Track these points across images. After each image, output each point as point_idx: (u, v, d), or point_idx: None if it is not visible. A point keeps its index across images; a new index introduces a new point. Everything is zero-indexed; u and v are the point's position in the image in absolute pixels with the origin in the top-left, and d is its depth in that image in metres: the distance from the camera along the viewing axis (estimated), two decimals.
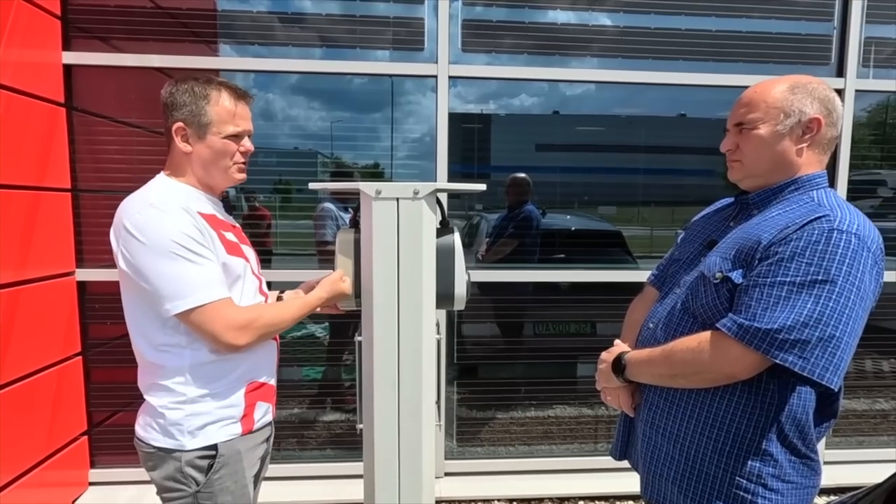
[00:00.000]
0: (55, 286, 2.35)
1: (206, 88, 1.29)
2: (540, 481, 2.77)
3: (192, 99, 1.28)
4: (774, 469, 1.08)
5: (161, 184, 1.31)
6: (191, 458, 1.26)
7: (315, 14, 2.65)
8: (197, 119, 1.28)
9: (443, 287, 1.44)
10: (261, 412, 1.39)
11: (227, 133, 1.30)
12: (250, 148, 1.37)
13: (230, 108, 1.31)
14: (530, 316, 2.99)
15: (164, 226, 1.19)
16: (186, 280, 1.19)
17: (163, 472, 1.27)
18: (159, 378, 1.27)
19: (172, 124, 1.29)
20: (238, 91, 1.34)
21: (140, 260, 1.19)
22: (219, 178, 1.35)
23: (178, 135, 1.29)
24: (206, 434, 1.27)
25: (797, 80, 1.13)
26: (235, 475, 1.32)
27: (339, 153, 2.83)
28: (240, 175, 1.37)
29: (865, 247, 1.00)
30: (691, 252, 1.25)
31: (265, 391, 1.41)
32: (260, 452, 1.42)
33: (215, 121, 1.29)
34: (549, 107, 2.91)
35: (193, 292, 1.19)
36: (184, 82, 1.30)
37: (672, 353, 1.11)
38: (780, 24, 2.74)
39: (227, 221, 1.38)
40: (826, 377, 0.98)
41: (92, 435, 2.60)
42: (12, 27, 2.12)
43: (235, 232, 1.40)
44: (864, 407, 3.10)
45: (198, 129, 1.29)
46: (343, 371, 2.93)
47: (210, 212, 1.32)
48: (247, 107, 1.36)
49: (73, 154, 2.46)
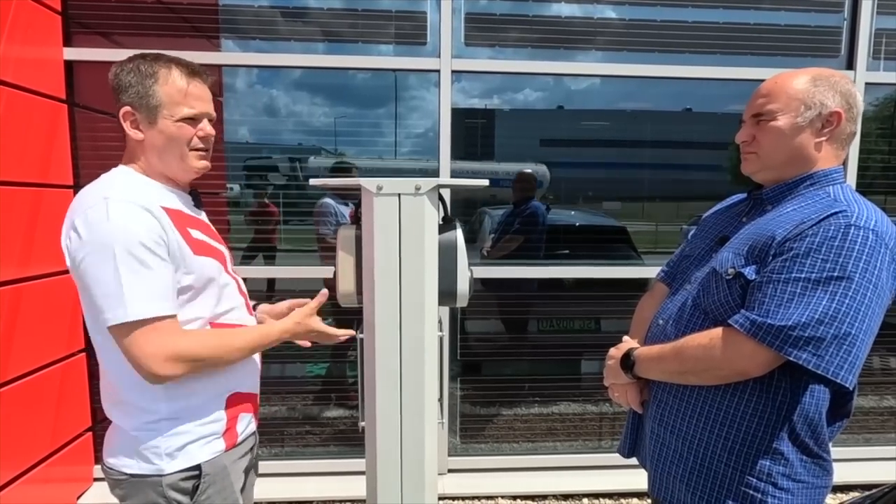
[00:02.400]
0: (58, 283, 2.35)
1: (154, 66, 1.13)
2: (544, 478, 2.76)
3: (139, 79, 1.12)
4: (785, 468, 1.06)
5: (121, 176, 1.16)
6: (173, 481, 1.12)
7: (317, 8, 2.63)
8: (145, 101, 1.12)
9: (445, 284, 1.43)
10: (244, 424, 1.26)
11: (180, 116, 1.14)
12: (210, 132, 1.20)
13: (182, 86, 1.14)
14: (534, 312, 2.98)
15: (113, 223, 1.03)
16: (123, 289, 1.01)
17: (137, 500, 1.14)
18: (124, 392, 1.13)
19: (119, 109, 1.14)
20: (191, 67, 1.17)
21: (81, 260, 1.05)
22: (176, 167, 1.18)
23: (127, 120, 1.14)
24: (188, 454, 1.14)
25: (820, 73, 1.11)
26: (224, 492, 1.20)
27: (342, 149, 2.81)
28: (200, 163, 1.20)
29: (883, 243, 0.98)
30: (703, 248, 1.24)
31: (248, 401, 1.28)
32: (244, 464, 1.29)
33: (166, 102, 1.12)
34: (554, 101, 2.89)
35: (126, 304, 1.01)
36: (129, 61, 1.14)
37: (683, 349, 1.10)
38: (790, 15, 2.70)
39: (195, 217, 1.23)
40: (841, 375, 0.97)
41: (96, 431, 2.60)
42: (13, 23, 2.11)
43: (204, 229, 1.24)
44: (872, 404, 3.07)
45: (147, 114, 1.13)
46: (346, 367, 2.92)
47: (175, 207, 1.16)
48: (203, 85, 1.19)
49: (76, 150, 2.46)
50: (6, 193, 2.07)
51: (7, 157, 2.07)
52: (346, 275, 1.44)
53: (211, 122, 1.22)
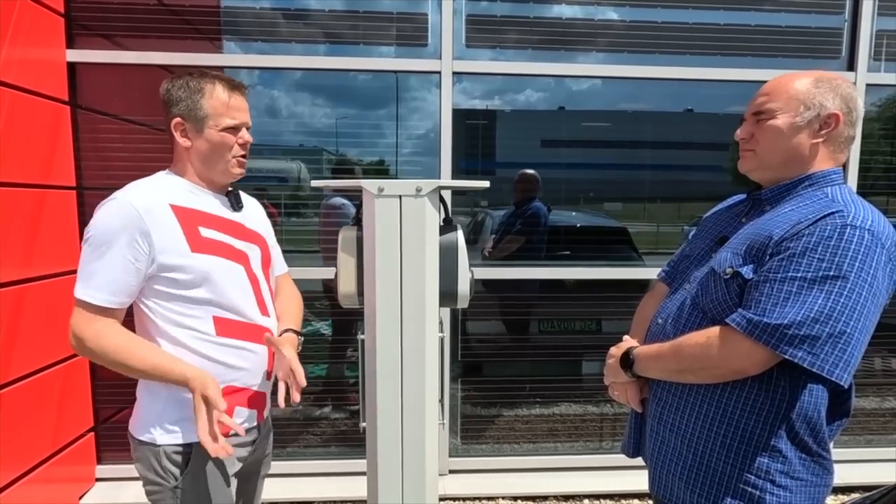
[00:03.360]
0: (61, 284, 2.35)
1: (201, 82, 1.29)
2: (545, 479, 2.76)
3: (188, 94, 1.28)
4: (784, 466, 1.06)
5: (151, 178, 1.32)
6: (169, 452, 1.27)
7: (318, 10, 2.64)
8: (194, 113, 1.29)
9: (446, 285, 1.43)
10: (240, 418, 1.33)
11: (223, 126, 1.30)
12: (249, 139, 1.36)
13: (225, 100, 1.30)
14: (535, 313, 2.98)
15: (104, 216, 1.21)
16: (83, 269, 1.23)
17: (142, 464, 1.29)
18: None
19: (171, 120, 1.30)
20: (232, 83, 1.33)
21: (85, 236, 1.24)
22: (217, 171, 1.33)
23: (177, 130, 1.30)
24: (178, 432, 1.27)
25: (822, 75, 1.12)
26: (213, 473, 1.30)
27: (343, 150, 2.82)
28: (238, 170, 1.36)
29: (879, 243, 0.98)
30: (702, 248, 1.24)
31: (245, 396, 1.35)
32: (243, 453, 1.37)
33: (211, 114, 1.29)
34: (555, 103, 2.89)
35: (81, 281, 1.23)
36: (179, 78, 1.30)
37: (681, 347, 1.11)
38: (790, 17, 2.70)
39: (217, 216, 1.33)
40: (836, 374, 0.97)
41: (99, 431, 2.61)
42: (16, 25, 2.12)
43: (228, 228, 1.34)
44: (874, 405, 3.07)
45: (195, 124, 1.29)
46: (347, 368, 2.93)
47: (189, 206, 1.29)
48: (242, 98, 1.35)
49: (78, 152, 2.47)
50: (9, 194, 2.08)
51: (10, 158, 2.08)
52: (347, 276, 1.45)
53: (248, 130, 1.37)
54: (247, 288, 1.36)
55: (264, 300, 1.41)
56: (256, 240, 1.43)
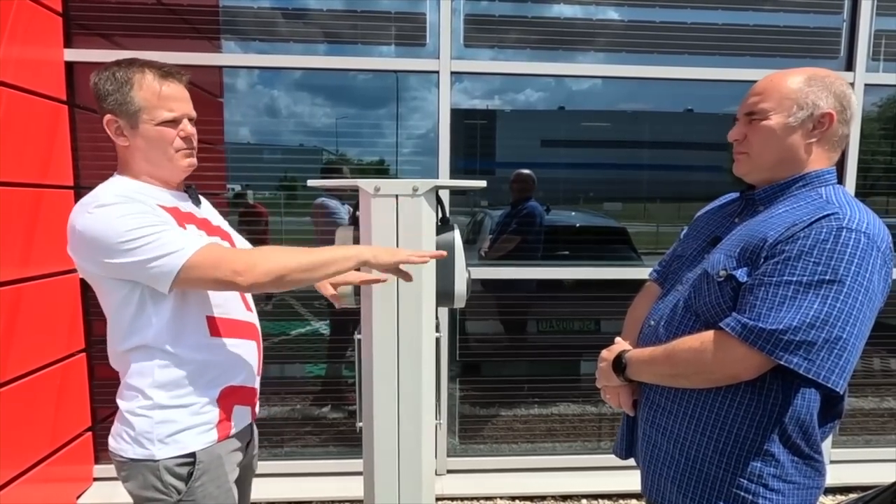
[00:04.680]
0: (58, 283, 2.35)
1: (128, 72, 1.15)
2: (543, 479, 2.76)
3: (116, 86, 1.14)
4: (776, 469, 1.06)
5: (114, 183, 1.20)
6: (170, 465, 1.17)
7: (317, 10, 2.64)
8: (125, 108, 1.15)
9: (443, 285, 1.43)
10: (238, 416, 1.29)
11: (160, 119, 1.16)
12: (191, 132, 1.22)
13: (156, 89, 1.15)
14: (533, 313, 2.98)
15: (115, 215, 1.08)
16: (160, 250, 1.07)
17: (137, 483, 1.19)
18: (127, 375, 1.19)
19: (102, 117, 1.17)
20: (165, 69, 1.18)
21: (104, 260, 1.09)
22: (164, 168, 1.21)
23: (111, 128, 1.17)
24: (180, 442, 1.18)
25: (814, 73, 1.09)
26: (218, 480, 1.24)
27: (343, 150, 2.82)
28: (186, 161, 1.22)
29: (875, 246, 0.97)
30: (695, 248, 1.23)
31: (242, 394, 1.30)
32: (239, 457, 1.32)
33: (144, 107, 1.15)
34: (555, 102, 2.89)
35: (174, 251, 1.07)
36: (106, 68, 1.16)
37: (674, 352, 1.09)
38: (789, 17, 2.70)
39: (192, 214, 1.26)
40: (832, 380, 0.96)
41: (96, 431, 2.61)
42: (14, 24, 2.12)
43: (201, 224, 1.27)
44: (872, 406, 3.07)
45: (129, 120, 1.15)
46: (345, 368, 2.93)
47: (172, 205, 1.20)
48: (179, 85, 1.20)
49: (76, 151, 2.47)
50: (6, 194, 2.08)
51: (7, 157, 2.08)
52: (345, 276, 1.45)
53: (192, 122, 1.23)
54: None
55: (245, 295, 1.35)
56: (225, 235, 1.35)
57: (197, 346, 1.21)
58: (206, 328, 1.22)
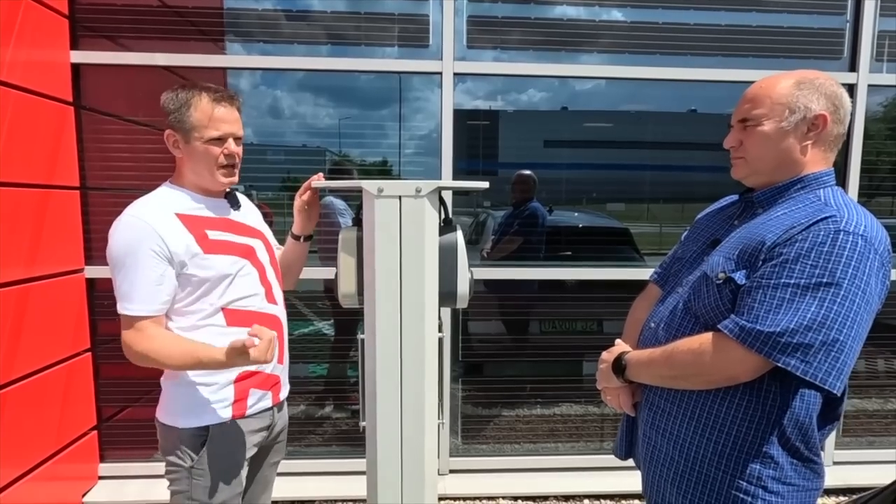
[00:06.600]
0: (64, 283, 2.37)
1: (187, 94, 1.33)
2: (545, 479, 2.76)
3: (176, 106, 1.33)
4: (775, 472, 1.06)
5: (154, 193, 1.38)
6: (187, 435, 1.36)
7: (321, 11, 2.65)
8: (181, 125, 1.33)
9: (445, 285, 1.44)
10: (255, 399, 1.44)
11: (207, 137, 1.34)
12: (235, 151, 1.39)
13: (209, 111, 1.34)
14: (536, 314, 2.98)
15: (120, 235, 1.28)
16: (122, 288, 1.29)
17: (164, 445, 1.40)
18: None
19: (165, 131, 1.36)
20: (219, 94, 1.36)
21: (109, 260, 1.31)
22: (207, 180, 1.39)
23: (170, 141, 1.36)
24: (197, 415, 1.37)
25: (804, 76, 1.10)
26: (227, 455, 1.40)
27: (346, 150, 2.83)
28: (225, 179, 1.40)
29: (872, 248, 0.98)
30: (695, 250, 1.23)
31: (260, 379, 1.45)
32: (257, 438, 1.47)
33: (196, 126, 1.33)
34: (558, 103, 2.89)
35: (119, 300, 1.29)
36: (172, 90, 1.35)
37: (673, 354, 1.10)
38: (792, 17, 2.70)
39: (220, 218, 1.42)
40: (829, 382, 0.96)
41: (101, 430, 2.63)
42: (21, 27, 2.14)
43: (231, 227, 1.43)
44: (875, 407, 3.06)
45: (184, 135, 1.34)
46: (349, 368, 2.94)
47: (193, 213, 1.36)
48: (230, 109, 1.37)
49: (82, 152, 2.49)
50: (13, 194, 2.10)
51: (14, 158, 2.10)
52: (348, 276, 1.46)
53: (238, 141, 1.41)
54: (254, 279, 1.45)
55: (271, 288, 1.50)
56: (257, 234, 1.51)
57: (216, 333, 1.37)
58: (222, 319, 1.39)
